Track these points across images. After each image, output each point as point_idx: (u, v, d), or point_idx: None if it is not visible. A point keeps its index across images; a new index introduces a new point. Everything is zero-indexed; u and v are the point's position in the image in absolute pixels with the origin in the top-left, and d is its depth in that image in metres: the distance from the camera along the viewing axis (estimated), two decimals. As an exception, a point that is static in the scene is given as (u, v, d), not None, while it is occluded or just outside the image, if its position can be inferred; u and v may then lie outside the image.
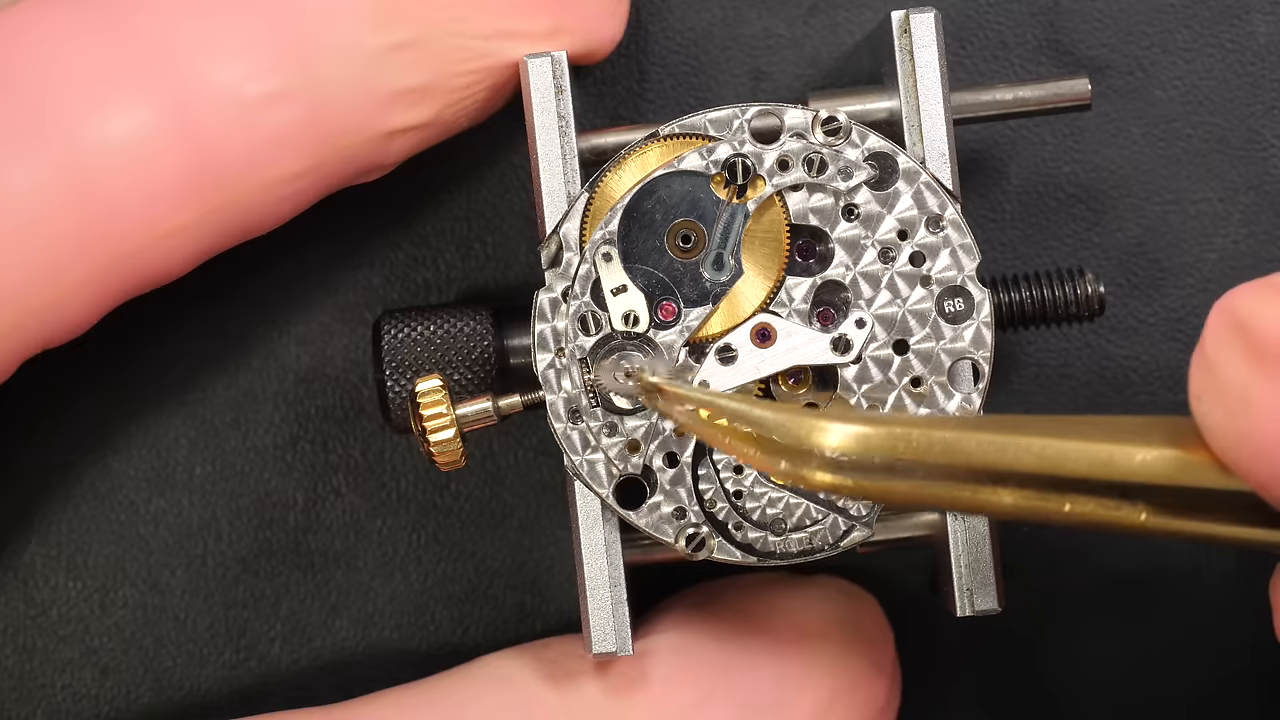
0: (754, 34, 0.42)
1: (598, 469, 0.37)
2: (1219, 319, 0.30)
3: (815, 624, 0.40)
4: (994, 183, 0.43)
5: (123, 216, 0.36)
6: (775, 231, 0.37)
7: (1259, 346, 0.29)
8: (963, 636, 0.43)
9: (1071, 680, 0.44)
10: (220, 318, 0.43)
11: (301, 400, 0.43)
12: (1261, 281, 0.31)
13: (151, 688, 0.43)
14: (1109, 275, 0.43)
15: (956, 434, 0.32)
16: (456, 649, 0.43)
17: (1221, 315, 0.30)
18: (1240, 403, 0.30)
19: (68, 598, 0.43)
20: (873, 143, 0.37)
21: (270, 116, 0.36)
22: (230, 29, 0.36)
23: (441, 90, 0.38)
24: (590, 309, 0.37)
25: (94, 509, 0.43)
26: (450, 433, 0.37)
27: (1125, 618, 0.43)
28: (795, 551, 0.37)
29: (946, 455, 0.32)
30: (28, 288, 0.36)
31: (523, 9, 0.38)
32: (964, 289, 0.37)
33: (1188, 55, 0.43)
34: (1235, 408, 0.30)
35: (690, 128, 0.37)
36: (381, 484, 0.43)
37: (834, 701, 0.39)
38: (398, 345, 0.40)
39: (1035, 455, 0.32)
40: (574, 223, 0.37)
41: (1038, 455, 0.32)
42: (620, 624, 0.37)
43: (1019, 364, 0.43)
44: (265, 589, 0.43)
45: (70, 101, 0.36)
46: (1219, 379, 0.30)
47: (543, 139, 0.37)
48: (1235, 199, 0.43)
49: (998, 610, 0.37)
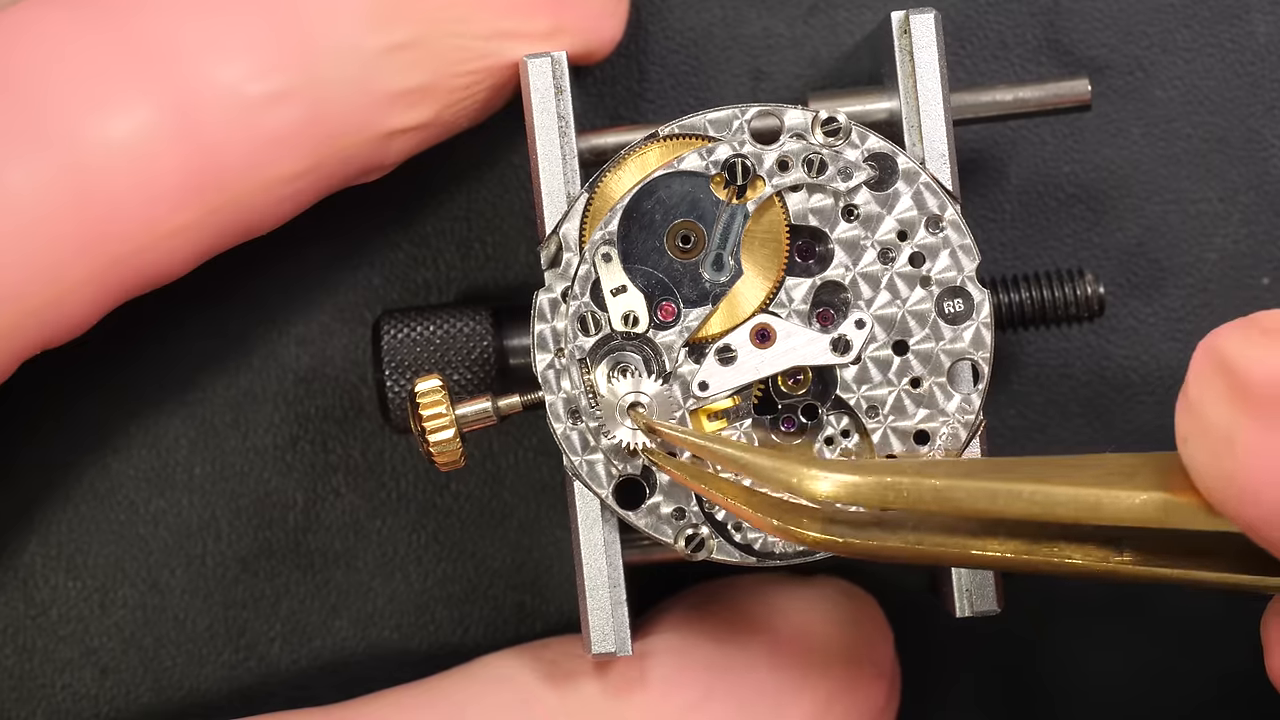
0: (754, 34, 0.42)
1: (597, 469, 0.37)
2: (1202, 360, 0.30)
3: (815, 625, 0.40)
4: (994, 183, 0.43)
5: (123, 217, 0.36)
6: (775, 232, 0.37)
7: (1242, 387, 0.29)
8: (962, 637, 0.43)
9: (1071, 681, 0.44)
10: (220, 318, 0.43)
11: (301, 400, 0.43)
12: (1243, 321, 0.31)
13: (151, 688, 0.43)
14: (1109, 275, 0.43)
15: (946, 482, 0.32)
16: (456, 649, 0.43)
17: (1205, 356, 0.30)
18: (1224, 444, 0.30)
19: (68, 598, 0.43)
20: (872, 143, 0.37)
21: (270, 117, 0.36)
22: (231, 29, 0.36)
23: (441, 90, 0.38)
24: (590, 309, 0.37)
25: (94, 509, 0.43)
26: (450, 433, 0.37)
27: (1125, 618, 0.43)
28: (795, 552, 0.37)
29: (937, 503, 0.33)
30: (28, 288, 0.36)
31: (523, 9, 0.38)
32: (964, 289, 0.37)
33: (1188, 55, 0.43)
34: (1220, 449, 0.30)
35: (690, 128, 0.37)
36: (381, 484, 0.43)
37: (833, 702, 0.39)
38: (397, 345, 0.40)
39: (1025, 501, 0.32)
40: (574, 223, 0.37)
41: (1027, 501, 0.32)
42: (619, 624, 0.37)
43: (1019, 364, 0.43)
44: (265, 589, 0.43)
45: (71, 101, 0.36)
46: (1203, 421, 0.30)
47: (543, 139, 0.37)
48: (1235, 199, 0.43)
49: (997, 611, 0.37)
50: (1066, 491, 0.32)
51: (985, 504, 0.32)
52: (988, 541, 0.33)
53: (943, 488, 0.32)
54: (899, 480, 0.33)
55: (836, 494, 0.33)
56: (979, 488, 0.32)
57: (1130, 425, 0.43)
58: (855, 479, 0.33)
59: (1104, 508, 0.31)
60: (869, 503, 0.33)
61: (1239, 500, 0.30)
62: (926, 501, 0.33)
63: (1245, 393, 0.29)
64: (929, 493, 0.33)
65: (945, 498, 0.32)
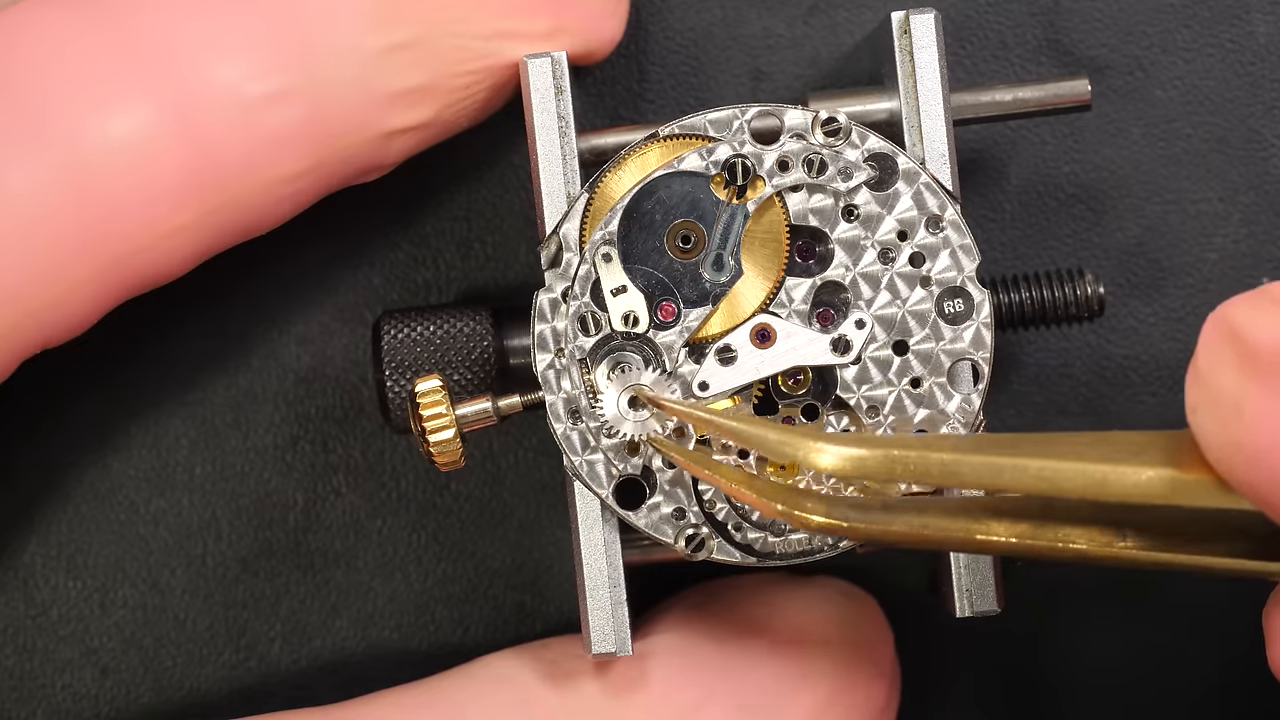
0: (754, 34, 0.42)
1: (597, 469, 0.37)
2: (1212, 330, 0.30)
3: (815, 625, 0.40)
4: (994, 183, 0.43)
5: (123, 216, 0.36)
6: (775, 232, 0.37)
7: (1251, 355, 0.30)
8: (962, 637, 0.43)
9: (1071, 681, 0.44)
10: (220, 318, 0.43)
11: (301, 400, 0.43)
12: (1254, 293, 0.31)
13: (151, 688, 0.43)
14: (1109, 275, 0.43)
15: (953, 456, 0.32)
16: (456, 649, 0.43)
17: (1214, 326, 0.30)
18: (1233, 410, 0.30)
19: (68, 598, 0.43)
20: (873, 143, 0.37)
21: (270, 117, 0.36)
22: (230, 29, 0.36)
23: (441, 90, 0.38)
24: (590, 309, 0.37)
25: (94, 509, 0.43)
26: (450, 433, 0.37)
27: (1125, 617, 0.43)
28: (795, 552, 0.37)
29: (943, 477, 0.32)
30: (28, 288, 0.36)
31: (523, 9, 0.38)
32: (964, 290, 0.37)
33: (1188, 55, 0.43)
34: (1228, 416, 0.30)
35: (690, 128, 0.37)
36: (381, 484, 0.43)
37: (833, 702, 0.39)
38: (398, 345, 0.40)
39: (1032, 476, 0.32)
40: (574, 223, 0.37)
41: (1034, 475, 0.32)
42: (620, 624, 0.37)
43: (1019, 364, 0.43)
44: (265, 589, 0.43)
45: (71, 101, 0.36)
46: (1212, 389, 0.30)
47: (543, 139, 0.37)
48: (1235, 199, 0.43)
49: (997, 611, 0.37)
50: (1073, 467, 0.31)
51: (991, 478, 0.32)
52: (992, 525, 0.33)
53: (949, 461, 0.32)
54: (905, 454, 0.33)
55: (841, 467, 0.33)
56: (985, 462, 0.32)
57: (1130, 425, 0.43)
58: (861, 451, 0.33)
59: (1110, 484, 0.31)
60: (874, 475, 0.33)
61: (1246, 466, 0.30)
62: (932, 475, 0.32)
63: (1254, 360, 0.29)
64: (935, 466, 0.32)
65: (951, 471, 0.32)
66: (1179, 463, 0.31)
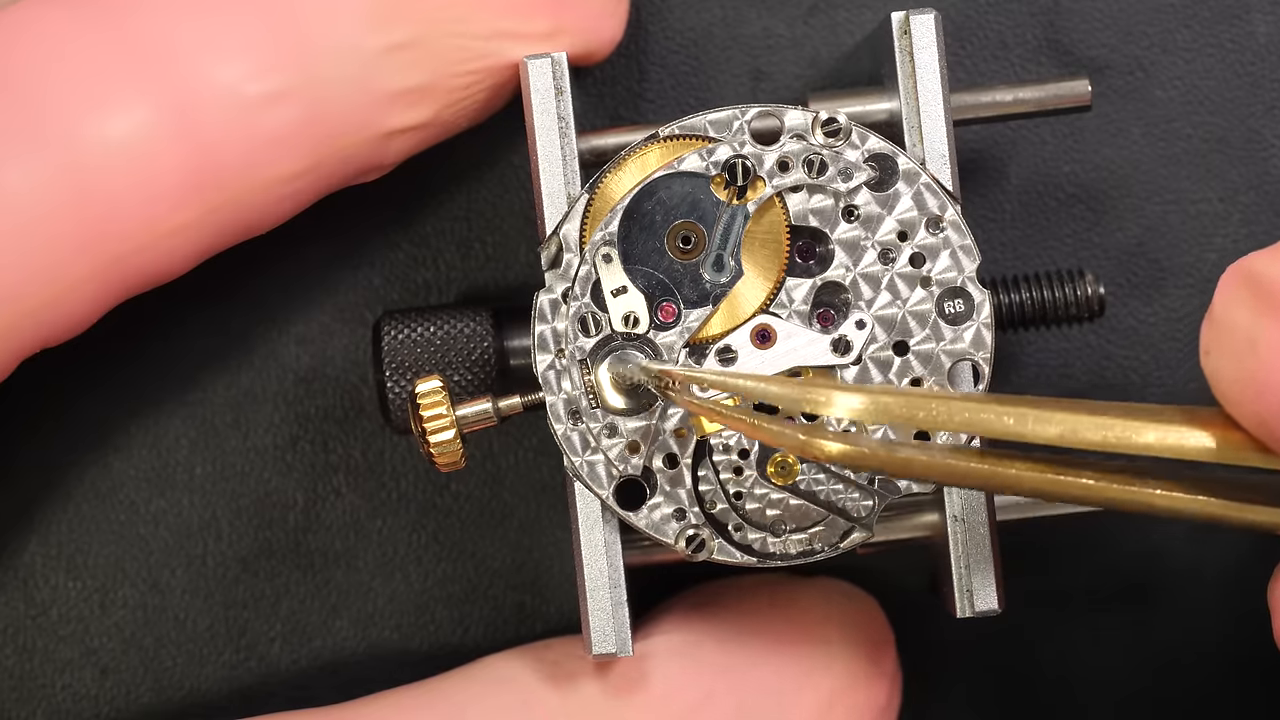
0: (754, 34, 0.42)
1: (598, 470, 0.37)
2: (1230, 277, 0.32)
3: (815, 625, 0.40)
4: (994, 183, 0.43)
5: (122, 216, 0.36)
6: (775, 233, 0.37)
7: (1267, 294, 0.30)
8: (962, 637, 0.43)
9: (1071, 681, 0.44)
10: (220, 317, 0.43)
11: (301, 400, 0.43)
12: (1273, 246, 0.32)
13: (151, 688, 0.43)
14: (1109, 275, 0.43)
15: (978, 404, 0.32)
16: (456, 649, 0.43)
17: (1232, 274, 0.32)
18: (1247, 345, 0.31)
19: (68, 598, 0.43)
20: (873, 144, 0.37)
21: (270, 116, 0.36)
22: (230, 29, 0.36)
23: (441, 90, 0.38)
24: (590, 310, 0.37)
25: (94, 509, 0.43)
26: (450, 434, 0.37)
27: (1125, 618, 0.43)
28: (795, 553, 0.37)
29: (967, 424, 0.32)
30: (27, 287, 0.36)
31: (522, 9, 0.38)
32: (964, 290, 0.37)
33: (1188, 55, 0.43)
34: (1242, 351, 0.31)
35: (690, 129, 0.37)
36: (381, 484, 0.43)
37: (834, 702, 0.39)
38: (398, 346, 0.40)
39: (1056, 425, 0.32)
40: (574, 224, 0.37)
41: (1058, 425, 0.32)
42: (620, 625, 0.37)
43: (1019, 364, 0.43)
44: (265, 589, 0.43)
45: (70, 101, 0.36)
46: (1227, 329, 0.31)
47: (543, 140, 0.37)
48: (1235, 199, 0.43)
49: (998, 611, 0.37)
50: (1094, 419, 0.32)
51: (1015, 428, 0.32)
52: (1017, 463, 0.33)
53: (974, 408, 0.32)
54: (928, 401, 0.33)
55: (865, 411, 0.32)
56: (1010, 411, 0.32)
57: (1130, 425, 0.43)
58: (885, 398, 0.32)
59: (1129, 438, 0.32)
60: (898, 420, 0.33)
61: (1257, 399, 0.31)
62: (956, 422, 0.32)
63: (1270, 298, 0.30)
64: (959, 412, 0.32)
65: (976, 420, 0.32)
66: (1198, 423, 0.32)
